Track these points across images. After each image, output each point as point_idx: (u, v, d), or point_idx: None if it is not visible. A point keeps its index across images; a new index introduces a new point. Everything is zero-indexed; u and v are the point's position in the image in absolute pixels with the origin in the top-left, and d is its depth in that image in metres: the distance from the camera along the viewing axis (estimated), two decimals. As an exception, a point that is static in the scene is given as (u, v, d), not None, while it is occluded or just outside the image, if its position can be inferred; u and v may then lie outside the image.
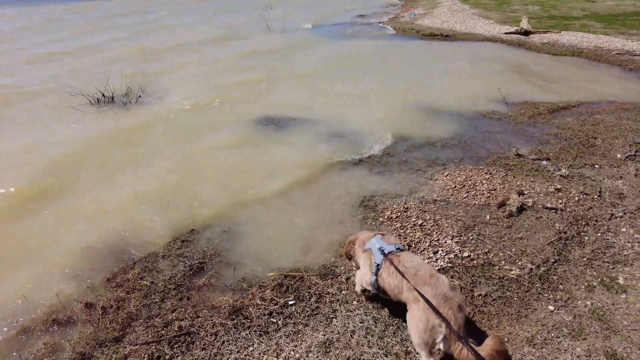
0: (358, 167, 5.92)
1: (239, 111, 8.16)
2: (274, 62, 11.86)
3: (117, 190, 5.47)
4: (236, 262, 4.14)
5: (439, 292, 2.71)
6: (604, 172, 5.68)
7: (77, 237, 4.53)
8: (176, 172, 5.86)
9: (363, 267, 3.30)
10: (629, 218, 4.61)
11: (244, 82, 9.99)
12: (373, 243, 3.20)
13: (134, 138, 7.09)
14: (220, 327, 3.34)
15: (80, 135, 7.15)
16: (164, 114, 8.02)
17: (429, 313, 2.63)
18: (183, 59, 12.43)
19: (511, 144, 6.50)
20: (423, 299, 2.67)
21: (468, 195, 5.02)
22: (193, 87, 9.67)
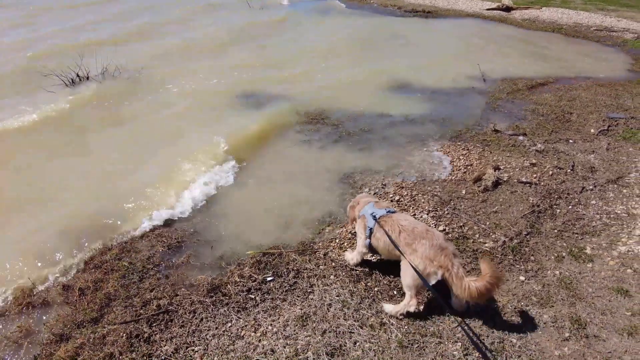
0: (338, 144, 5.92)
1: (222, 88, 8.01)
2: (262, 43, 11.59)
3: (92, 169, 5.36)
4: (215, 241, 4.14)
5: (435, 243, 2.97)
6: (578, 146, 5.81)
7: (54, 219, 4.45)
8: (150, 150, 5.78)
9: (358, 231, 3.54)
10: (598, 191, 4.75)
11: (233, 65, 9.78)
12: (366, 210, 3.41)
13: (110, 114, 6.94)
14: (199, 305, 3.36)
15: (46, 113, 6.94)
16: (145, 90, 7.85)
17: (427, 262, 2.93)
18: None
19: (489, 120, 6.58)
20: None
21: (445, 170, 5.08)
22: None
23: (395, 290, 3.41)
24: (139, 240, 4.16)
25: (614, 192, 4.75)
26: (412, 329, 3.04)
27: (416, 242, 3.02)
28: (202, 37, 11.68)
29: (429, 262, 2.92)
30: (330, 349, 2.91)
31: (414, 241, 3.03)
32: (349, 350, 2.91)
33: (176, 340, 3.06)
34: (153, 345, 3.04)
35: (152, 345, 3.04)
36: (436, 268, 2.90)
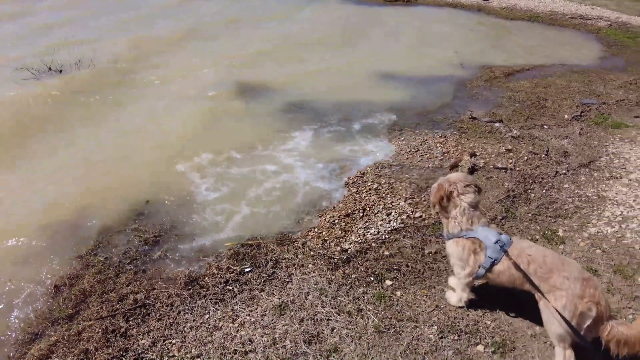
0: (318, 133, 5.90)
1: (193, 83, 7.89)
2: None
3: (65, 162, 5.25)
4: (193, 233, 4.11)
5: (576, 275, 2.49)
6: (552, 132, 5.92)
7: (26, 215, 4.35)
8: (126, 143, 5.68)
9: (461, 256, 2.85)
10: (571, 175, 4.86)
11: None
12: (485, 235, 2.77)
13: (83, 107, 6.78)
14: (176, 298, 3.34)
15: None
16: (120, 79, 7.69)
17: (576, 298, 2.43)
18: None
19: (466, 107, 6.64)
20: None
21: (422, 158, 5.13)
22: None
23: (372, 277, 3.44)
24: (115, 235, 4.10)
25: (586, 175, 4.87)
26: (389, 315, 3.08)
27: (554, 276, 2.51)
28: (182, 27, 11.45)
29: (579, 300, 2.42)
30: (308, 337, 2.93)
31: (550, 274, 2.53)
32: (327, 337, 2.93)
33: (153, 333, 3.04)
34: (130, 339, 3.01)
35: (128, 339, 3.01)
36: (589, 305, 2.41)
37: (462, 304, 3.11)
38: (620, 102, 7.01)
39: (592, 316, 2.42)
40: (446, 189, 2.85)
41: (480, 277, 2.88)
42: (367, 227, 4.05)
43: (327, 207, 4.39)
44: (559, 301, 2.48)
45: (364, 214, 4.24)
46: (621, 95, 7.32)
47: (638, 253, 3.68)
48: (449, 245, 2.96)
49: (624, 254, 3.68)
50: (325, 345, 2.87)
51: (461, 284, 3.02)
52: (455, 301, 3.14)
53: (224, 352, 2.86)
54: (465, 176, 3.01)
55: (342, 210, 4.28)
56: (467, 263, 2.86)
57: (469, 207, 2.82)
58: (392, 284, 3.38)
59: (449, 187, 2.85)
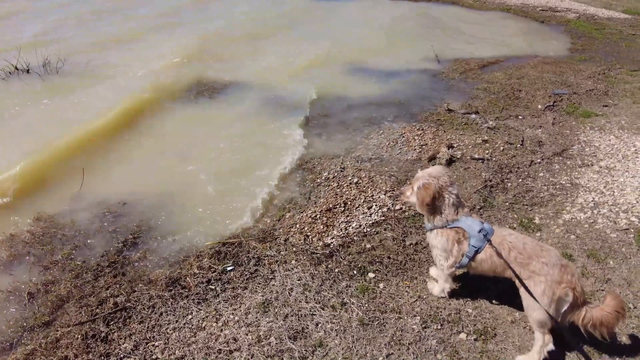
0: (296, 129, 5.88)
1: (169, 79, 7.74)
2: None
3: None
4: (172, 233, 4.04)
5: (554, 261, 2.56)
6: (527, 122, 6.05)
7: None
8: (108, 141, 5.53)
9: (443, 246, 2.89)
10: (545, 163, 4.98)
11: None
12: (468, 224, 2.80)
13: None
14: (158, 300, 3.28)
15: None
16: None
17: (554, 284, 2.51)
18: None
19: (443, 99, 6.72)
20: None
21: (401, 151, 5.18)
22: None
23: (355, 271, 3.46)
24: (92, 238, 4.00)
25: (559, 164, 5.00)
26: (372, 307, 3.11)
27: (533, 263, 2.59)
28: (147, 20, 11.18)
29: (557, 285, 2.51)
30: (293, 333, 2.93)
31: (530, 261, 2.60)
32: (312, 332, 2.94)
33: (135, 336, 2.99)
34: (111, 344, 2.95)
35: (109, 344, 2.95)
36: (566, 290, 2.51)
37: (445, 294, 3.16)
38: (590, 92, 7.22)
39: (569, 301, 2.51)
40: (435, 186, 2.80)
41: (464, 266, 2.90)
42: (349, 221, 4.07)
43: (306, 204, 4.37)
44: (538, 286, 2.56)
45: (345, 208, 4.25)
46: (590, 85, 7.53)
47: (609, 237, 3.81)
48: (433, 237, 2.96)
49: (597, 238, 3.80)
50: (310, 341, 2.88)
51: (444, 274, 3.06)
52: (438, 291, 3.19)
53: (208, 352, 2.83)
54: (444, 168, 3.01)
55: (323, 205, 4.28)
56: (450, 253, 2.89)
57: (456, 198, 2.84)
58: (375, 276, 3.41)
59: (438, 183, 2.81)
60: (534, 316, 2.62)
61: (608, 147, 5.38)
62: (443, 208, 2.84)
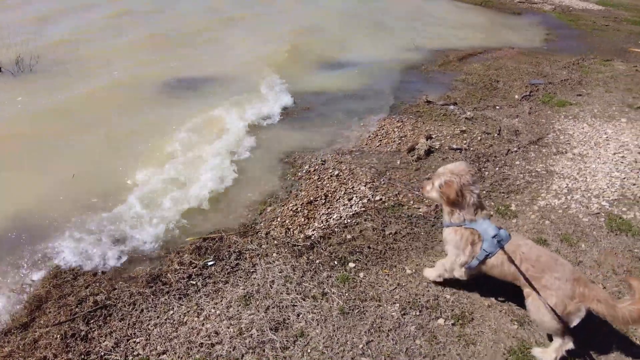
0: (277, 124, 5.88)
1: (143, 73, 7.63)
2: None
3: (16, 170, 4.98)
4: (155, 229, 4.01)
5: (567, 276, 2.53)
6: (504, 112, 6.17)
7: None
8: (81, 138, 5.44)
9: (457, 243, 2.86)
10: (522, 152, 5.09)
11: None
12: (485, 228, 2.77)
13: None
14: (139, 296, 3.27)
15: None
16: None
17: (566, 299, 2.49)
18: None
19: (422, 91, 6.80)
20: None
21: (381, 143, 5.23)
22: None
23: (335, 261, 3.50)
24: (70, 238, 3.94)
25: (535, 152, 5.12)
26: (353, 296, 3.15)
27: (546, 276, 2.55)
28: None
29: (568, 300, 2.48)
30: (274, 324, 2.95)
31: (542, 274, 2.56)
32: (293, 322, 2.97)
33: (116, 334, 2.97)
34: (91, 342, 2.93)
35: (89, 342, 2.93)
36: (578, 305, 2.48)
37: (441, 279, 3.18)
38: (565, 82, 7.38)
39: (582, 315, 2.49)
40: (457, 183, 2.74)
41: (473, 267, 2.88)
42: (330, 213, 4.10)
43: (287, 197, 4.38)
44: (549, 300, 2.53)
45: (326, 201, 4.28)
46: (565, 75, 7.71)
47: (581, 222, 3.93)
48: (447, 232, 2.93)
49: (570, 223, 3.92)
50: (291, 331, 2.91)
51: (451, 266, 3.02)
52: (434, 276, 3.20)
53: (190, 347, 2.84)
54: (466, 165, 2.89)
55: (304, 198, 4.30)
56: (462, 252, 2.86)
57: (477, 198, 2.79)
58: (355, 266, 3.45)
59: (460, 181, 2.74)
60: (546, 327, 2.63)
61: (581, 135, 5.52)
62: (463, 206, 2.78)
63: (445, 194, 2.78)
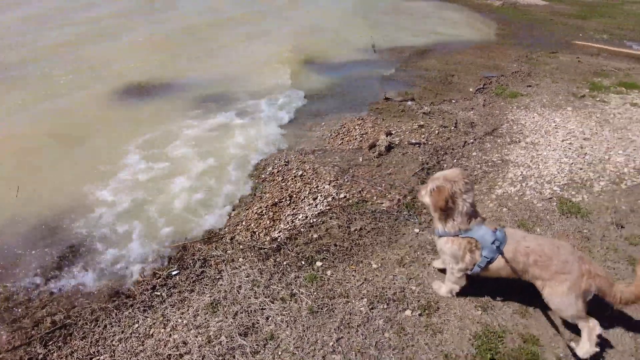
0: (238, 125, 5.81)
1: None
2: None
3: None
4: (112, 243, 3.88)
5: (572, 258, 2.58)
6: (459, 105, 6.36)
7: None
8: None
9: (455, 253, 2.84)
10: (478, 143, 5.27)
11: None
12: (482, 235, 2.74)
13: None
14: (101, 312, 3.15)
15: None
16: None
17: (577, 279, 2.53)
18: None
19: (381, 88, 6.90)
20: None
21: (343, 141, 5.28)
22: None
23: (303, 261, 3.50)
24: (23, 258, 3.75)
25: (491, 142, 5.31)
26: (321, 294, 3.17)
27: (554, 263, 2.59)
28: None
29: (580, 279, 2.53)
30: (244, 329, 2.92)
31: (550, 262, 2.59)
32: (262, 326, 2.95)
33: (78, 354, 2.85)
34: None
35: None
36: (589, 282, 2.54)
37: (453, 294, 3.12)
38: (516, 74, 7.70)
39: (593, 291, 2.55)
40: (449, 190, 2.69)
41: (475, 274, 2.88)
42: (295, 214, 4.10)
43: (251, 200, 4.35)
44: (563, 284, 2.56)
45: (291, 201, 4.28)
46: (516, 67, 8.04)
47: (536, 207, 4.11)
48: (443, 243, 2.89)
49: (525, 209, 4.09)
50: (261, 335, 2.89)
51: (454, 277, 3.01)
52: (445, 292, 3.14)
53: (158, 359, 2.76)
54: (462, 172, 2.81)
55: (269, 200, 4.28)
56: (461, 260, 2.85)
57: (470, 207, 2.73)
58: (322, 264, 3.47)
59: (452, 188, 2.69)
60: (568, 314, 2.65)
61: (532, 124, 5.78)
62: (455, 215, 2.74)
63: (435, 200, 2.74)
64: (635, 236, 3.70)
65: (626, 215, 3.99)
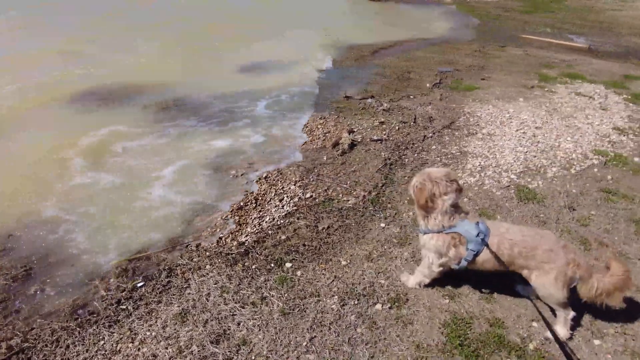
0: (198, 130, 5.70)
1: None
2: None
3: None
4: (71, 259, 3.71)
5: (556, 246, 2.63)
6: (418, 100, 6.52)
7: None
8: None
9: (436, 248, 2.87)
10: (437, 137, 5.42)
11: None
12: (466, 230, 2.75)
13: None
14: (62, 332, 3.00)
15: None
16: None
17: (563, 268, 2.59)
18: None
19: (340, 87, 6.98)
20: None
21: (306, 141, 5.29)
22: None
23: (272, 264, 3.48)
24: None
25: (449, 135, 5.48)
26: (292, 295, 3.16)
27: (538, 252, 2.64)
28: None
29: (566, 268, 2.59)
30: (215, 337, 2.87)
31: (535, 252, 2.65)
32: (234, 332, 2.91)
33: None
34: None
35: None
36: (574, 269, 2.60)
37: (421, 287, 3.20)
38: (470, 68, 7.98)
39: (577, 279, 2.62)
40: (429, 190, 2.71)
41: (462, 268, 2.91)
42: (262, 217, 4.07)
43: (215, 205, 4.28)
44: (550, 274, 2.63)
45: (257, 204, 4.24)
46: (470, 61, 8.32)
47: (495, 195, 4.28)
48: (427, 239, 2.91)
49: (485, 198, 4.25)
50: (233, 341, 2.85)
51: (429, 271, 3.05)
52: (413, 283, 3.21)
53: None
54: (447, 172, 2.82)
55: (234, 204, 4.23)
56: (445, 255, 2.88)
57: (450, 207, 2.75)
58: (292, 265, 3.46)
59: (432, 189, 2.71)
60: (554, 300, 2.73)
61: (488, 115, 6.01)
62: (436, 214, 2.77)
63: (417, 198, 2.78)
64: (586, 218, 3.93)
65: (577, 198, 4.22)
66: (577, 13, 13.36)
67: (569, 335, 2.82)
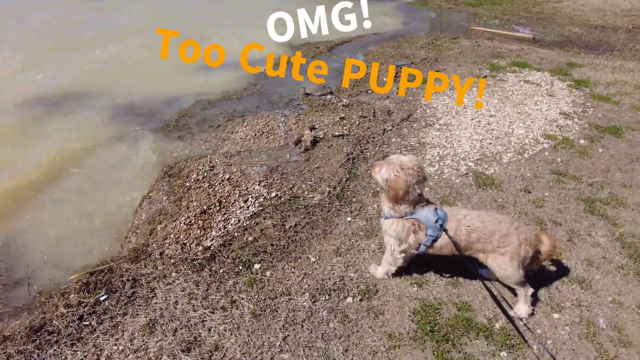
0: (153, 134, 5.52)
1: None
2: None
3: None
4: (27, 276, 3.51)
5: (511, 230, 2.78)
6: (376, 95, 6.60)
7: None
8: None
9: (397, 235, 2.93)
10: (396, 129, 5.52)
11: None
12: (425, 216, 2.82)
13: None
14: (19, 356, 2.84)
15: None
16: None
17: (517, 248, 2.75)
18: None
19: (299, 84, 6.95)
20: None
21: (268, 139, 5.24)
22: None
23: (240, 266, 3.44)
24: None
25: (408, 127, 5.59)
26: (263, 296, 3.14)
27: (495, 238, 2.78)
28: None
29: (519, 248, 2.76)
30: (186, 345, 2.80)
31: (492, 237, 2.78)
32: (205, 338, 2.85)
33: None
34: None
35: None
36: (526, 248, 2.78)
37: (389, 276, 3.26)
38: (424, 60, 8.16)
39: (530, 256, 2.82)
40: (405, 182, 2.72)
41: (421, 253, 3.00)
42: (227, 219, 4.01)
43: (178, 211, 4.17)
44: (505, 256, 2.79)
45: (221, 207, 4.17)
46: (423, 54, 8.52)
47: (455, 183, 4.41)
48: (388, 224, 2.96)
49: (445, 186, 4.38)
50: (205, 347, 2.79)
51: (392, 258, 3.11)
52: (382, 274, 3.27)
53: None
54: (417, 161, 2.83)
55: (197, 208, 4.13)
56: (405, 241, 2.94)
57: (417, 196, 2.81)
58: (261, 266, 3.44)
59: (408, 180, 2.72)
60: (512, 280, 2.91)
61: (444, 106, 6.18)
62: (404, 201, 2.82)
63: (394, 190, 2.77)
64: (540, 199, 4.13)
65: (531, 181, 4.43)
66: (521, 5, 13.98)
67: (530, 311, 2.98)
